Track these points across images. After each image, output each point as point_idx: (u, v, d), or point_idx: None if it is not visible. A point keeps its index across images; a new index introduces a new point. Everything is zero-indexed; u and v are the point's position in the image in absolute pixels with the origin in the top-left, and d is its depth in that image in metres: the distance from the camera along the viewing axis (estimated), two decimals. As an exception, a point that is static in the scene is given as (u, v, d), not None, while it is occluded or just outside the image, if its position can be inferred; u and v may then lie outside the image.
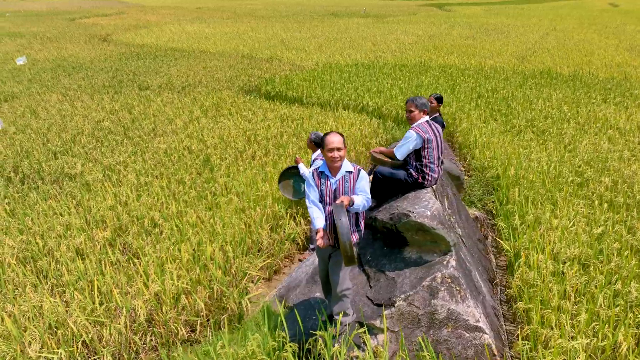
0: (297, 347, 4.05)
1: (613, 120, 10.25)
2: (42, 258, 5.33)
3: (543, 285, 4.64)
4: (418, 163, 4.45)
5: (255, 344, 3.92)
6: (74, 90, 14.36)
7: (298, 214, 6.59)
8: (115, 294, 4.56)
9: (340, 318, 3.93)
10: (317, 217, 3.64)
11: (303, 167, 5.96)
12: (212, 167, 7.90)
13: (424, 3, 72.88)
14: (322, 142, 3.72)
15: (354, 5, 61.04)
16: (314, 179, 3.77)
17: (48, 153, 8.74)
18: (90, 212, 6.34)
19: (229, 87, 14.79)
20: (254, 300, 5.22)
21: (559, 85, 14.03)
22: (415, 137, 4.34)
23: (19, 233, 5.86)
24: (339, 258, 3.79)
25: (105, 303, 4.60)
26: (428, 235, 4.22)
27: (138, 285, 4.73)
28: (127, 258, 5.37)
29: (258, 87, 14.87)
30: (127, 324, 4.38)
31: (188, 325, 4.72)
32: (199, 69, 17.75)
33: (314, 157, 5.88)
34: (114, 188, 7.03)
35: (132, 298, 4.65)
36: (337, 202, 3.48)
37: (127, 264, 5.22)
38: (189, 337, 4.66)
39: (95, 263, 5.18)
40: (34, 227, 5.95)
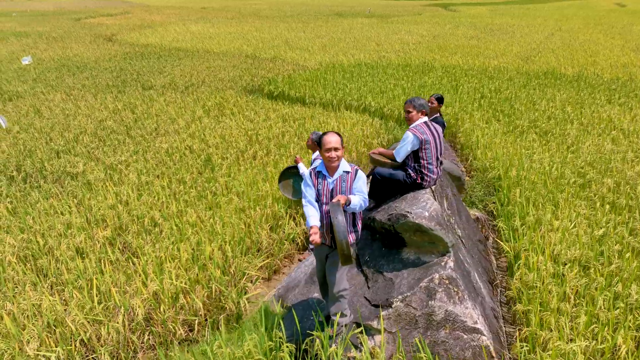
0: (294, 347, 4.04)
1: (617, 121, 10.18)
2: (42, 257, 5.36)
3: (542, 287, 4.62)
4: (416, 164, 4.43)
5: (252, 344, 3.92)
6: (78, 90, 14.43)
7: (298, 214, 6.59)
8: (114, 293, 4.57)
9: (338, 319, 3.92)
10: (311, 215, 3.64)
11: (303, 166, 5.95)
12: (213, 166, 7.91)
13: (429, 3, 72.72)
14: (319, 142, 3.72)
15: (359, 6, 61.00)
16: (312, 178, 3.77)
17: (51, 152, 8.78)
18: (91, 211, 6.36)
19: (232, 86, 14.81)
20: (253, 300, 5.22)
21: (563, 86, 13.95)
22: (412, 138, 4.33)
23: (20, 232, 5.89)
24: (336, 258, 3.78)
25: (104, 302, 4.61)
26: (426, 236, 4.21)
27: (137, 285, 4.75)
28: (126, 257, 5.38)
29: (261, 87, 14.89)
30: (125, 323, 4.39)
31: (186, 325, 4.72)
32: (203, 69, 17.79)
33: (314, 157, 5.88)
34: (115, 187, 7.06)
35: (130, 297, 4.66)
36: (333, 200, 3.48)
37: (126, 263, 5.24)
38: (187, 336, 4.67)
39: (95, 262, 5.20)
40: (35, 225, 5.98)
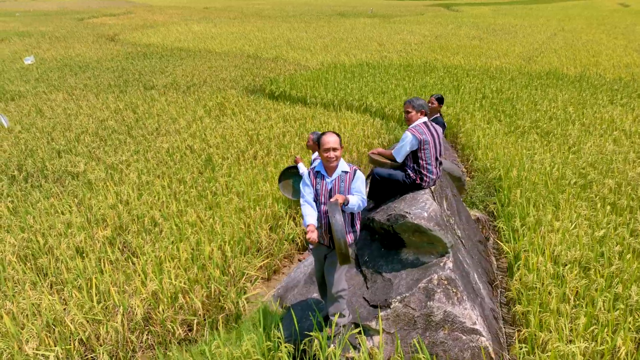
0: (292, 347, 4.04)
1: (619, 122, 10.14)
2: (42, 256, 5.37)
3: (542, 288, 4.60)
4: (415, 164, 4.43)
5: (250, 344, 3.92)
6: (80, 90, 14.46)
7: (298, 214, 6.59)
8: (113, 293, 4.57)
9: (336, 319, 3.91)
10: (308, 214, 3.64)
11: (303, 166, 5.94)
12: (213, 166, 7.91)
13: (432, 3, 72.61)
14: (318, 142, 3.72)
15: (361, 6, 60.96)
16: (310, 178, 3.77)
17: (52, 152, 8.81)
18: (91, 210, 6.37)
19: (234, 86, 14.82)
20: (253, 300, 5.22)
21: (565, 86, 13.90)
22: (411, 138, 4.32)
23: (20, 231, 5.91)
24: (335, 258, 3.78)
25: (103, 301, 4.62)
26: (425, 237, 4.20)
27: (136, 284, 4.75)
28: (126, 257, 5.39)
29: (262, 87, 14.89)
30: (124, 323, 4.40)
31: (185, 325, 4.73)
32: (205, 69, 17.80)
33: (314, 157, 5.87)
34: (116, 187, 7.07)
35: (129, 297, 4.66)
36: (331, 200, 3.48)
37: (125, 263, 5.24)
38: (186, 336, 4.67)
39: (95, 262, 5.21)
40: (36, 225, 5.99)
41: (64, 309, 4.53)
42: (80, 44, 25.03)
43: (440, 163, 4.62)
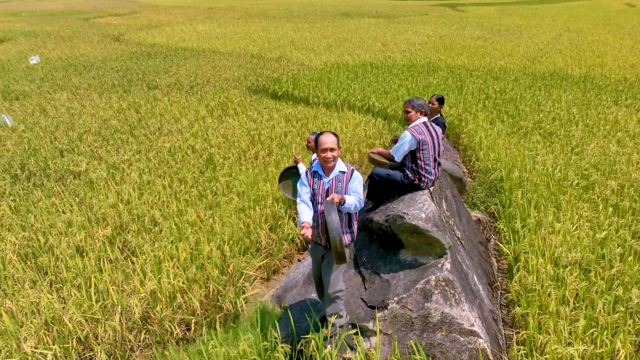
0: (289, 348, 4.04)
1: (623, 123, 10.06)
2: (42, 255, 5.39)
3: (542, 290, 4.57)
4: (413, 164, 4.41)
5: (247, 344, 3.92)
6: (84, 89, 14.53)
7: (297, 215, 6.57)
8: (112, 292, 4.59)
9: (333, 320, 3.91)
10: (303, 212, 3.64)
11: (303, 167, 5.95)
12: (214, 166, 7.92)
13: (437, 3, 72.44)
14: (315, 142, 3.72)
15: (366, 6, 60.90)
16: (308, 178, 3.77)
17: (55, 151, 8.85)
18: (92, 209, 6.40)
19: (237, 86, 14.84)
20: (252, 300, 5.22)
21: (569, 87, 13.82)
22: (410, 138, 4.30)
23: (21, 230, 5.94)
24: (332, 259, 3.77)
25: (102, 300, 4.63)
26: (422, 238, 4.18)
27: (134, 284, 4.76)
28: (125, 256, 5.40)
29: (265, 86, 14.90)
30: (122, 322, 4.41)
31: (183, 324, 4.73)
32: (208, 69, 17.84)
33: (315, 157, 5.87)
34: (117, 186, 7.09)
35: (128, 296, 4.67)
36: (327, 198, 3.48)
37: (125, 262, 5.25)
38: (184, 335, 4.67)
39: (94, 261, 5.23)
40: (37, 224, 6.02)
41: (63, 308, 4.55)
42: (85, 44, 25.16)
43: (439, 164, 4.60)
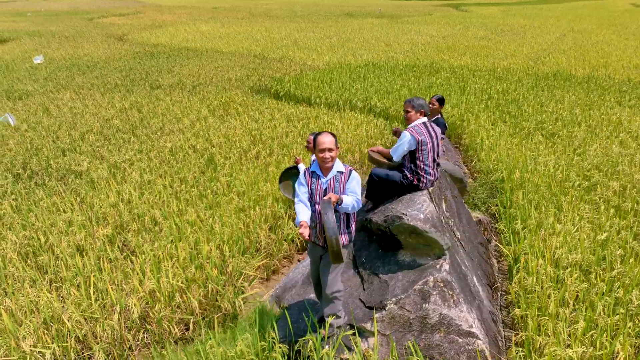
0: (287, 348, 4.03)
1: (626, 124, 10.01)
2: (42, 254, 5.41)
3: (541, 292, 4.54)
4: (412, 165, 4.40)
5: (244, 344, 3.92)
6: (87, 89, 14.58)
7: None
8: (110, 291, 4.59)
9: (331, 320, 3.90)
10: (301, 211, 3.64)
11: (303, 167, 5.95)
12: (215, 166, 7.93)
13: (441, 3, 72.28)
14: (313, 142, 3.71)
15: (369, 6, 60.85)
16: (306, 178, 3.77)
17: (57, 150, 8.88)
18: (93, 209, 6.41)
19: (239, 86, 14.85)
20: (252, 300, 5.22)
21: (573, 87, 13.75)
22: (410, 138, 4.29)
23: (22, 229, 5.96)
24: (330, 259, 3.76)
25: (101, 300, 4.64)
26: (421, 238, 4.17)
27: (133, 283, 4.77)
28: (124, 255, 5.41)
29: (268, 87, 14.91)
30: (120, 321, 4.41)
31: (182, 324, 4.73)
32: (211, 69, 17.87)
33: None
34: (118, 186, 7.11)
35: (126, 295, 4.68)
36: (324, 198, 3.48)
37: (124, 262, 5.26)
38: (183, 335, 4.68)
39: (94, 260, 5.24)
40: (37, 223, 6.04)
41: (62, 307, 4.56)
42: (89, 44, 25.25)
43: (438, 165, 4.59)
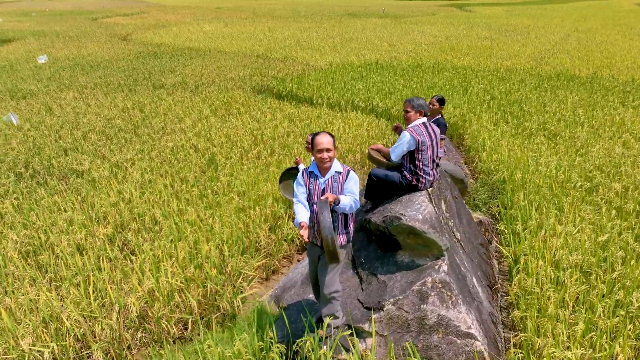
0: (284, 348, 4.03)
1: (630, 124, 9.94)
2: (43, 253, 5.43)
3: (541, 293, 4.52)
4: (412, 165, 4.38)
5: (242, 344, 3.92)
6: (90, 89, 14.63)
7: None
8: (110, 290, 4.60)
9: (329, 321, 3.89)
10: (300, 212, 3.64)
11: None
12: (216, 166, 7.94)
13: (445, 3, 72.13)
14: (311, 142, 3.71)
15: (373, 6, 60.79)
16: (304, 178, 3.77)
17: (59, 149, 8.91)
18: (94, 208, 6.43)
19: (242, 86, 14.87)
20: (251, 300, 5.22)
21: (576, 88, 13.69)
22: (409, 138, 4.28)
23: (23, 228, 5.98)
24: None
25: (100, 299, 4.65)
26: (419, 239, 4.15)
27: (133, 282, 4.77)
28: (124, 255, 5.42)
29: (270, 86, 14.91)
30: (119, 320, 4.42)
31: (181, 323, 4.74)
32: (214, 69, 17.89)
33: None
34: (119, 185, 7.13)
35: (125, 295, 4.69)
36: (322, 197, 3.47)
37: (124, 261, 5.27)
38: (182, 335, 4.68)
39: (94, 259, 5.25)
40: (38, 222, 6.06)
41: (61, 306, 4.57)
42: (93, 44, 25.34)
43: (437, 165, 4.57)
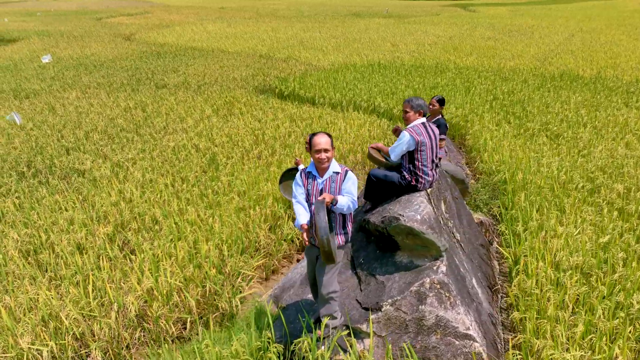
0: (282, 348, 4.03)
1: (633, 125, 9.89)
2: (43, 251, 5.44)
3: (540, 294, 4.50)
4: (411, 165, 4.37)
5: (240, 344, 3.91)
6: (93, 88, 14.68)
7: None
8: (109, 289, 4.61)
9: (327, 321, 3.88)
10: (300, 213, 3.65)
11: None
12: (217, 165, 7.94)
13: (448, 3, 71.97)
14: (309, 142, 3.70)
15: (376, 6, 60.72)
16: (302, 178, 3.76)
17: (61, 149, 8.94)
18: (94, 207, 6.45)
19: (244, 86, 14.88)
20: (250, 300, 5.22)
21: (579, 88, 13.62)
22: (409, 138, 4.26)
23: (24, 226, 6.01)
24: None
25: (99, 298, 4.66)
26: (418, 240, 4.14)
27: (132, 282, 4.78)
28: (124, 254, 5.43)
29: (272, 86, 14.92)
30: (118, 320, 4.43)
31: (180, 323, 4.74)
32: (216, 68, 17.92)
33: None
34: (120, 184, 7.14)
35: (124, 294, 4.69)
36: (319, 198, 3.47)
37: (124, 260, 5.28)
38: (180, 334, 4.68)
39: (94, 258, 5.26)
40: (39, 221, 6.08)
41: (61, 304, 4.58)
42: (97, 43, 25.43)
43: (437, 165, 4.55)
